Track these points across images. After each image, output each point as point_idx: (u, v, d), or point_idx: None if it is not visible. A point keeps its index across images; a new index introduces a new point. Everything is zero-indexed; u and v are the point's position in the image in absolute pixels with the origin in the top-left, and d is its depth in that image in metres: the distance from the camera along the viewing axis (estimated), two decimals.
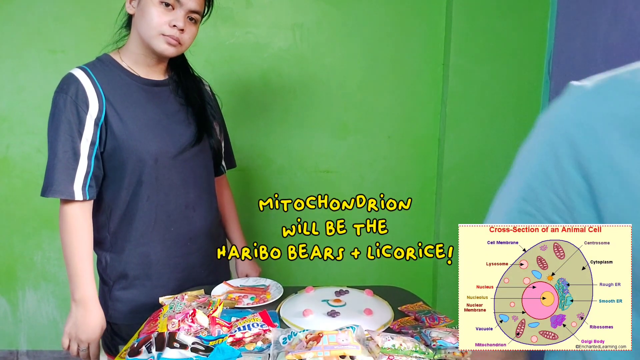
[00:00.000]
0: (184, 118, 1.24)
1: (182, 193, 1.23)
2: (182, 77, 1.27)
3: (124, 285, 1.21)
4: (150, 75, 1.21)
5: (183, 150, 1.21)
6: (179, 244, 1.24)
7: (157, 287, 1.22)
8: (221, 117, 1.41)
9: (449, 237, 1.92)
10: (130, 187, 1.17)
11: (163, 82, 1.24)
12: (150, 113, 1.19)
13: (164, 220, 1.21)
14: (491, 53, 1.84)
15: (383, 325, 1.03)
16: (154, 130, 1.18)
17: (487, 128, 1.90)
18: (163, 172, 1.18)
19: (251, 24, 1.89)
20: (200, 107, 1.28)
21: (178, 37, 1.13)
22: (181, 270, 1.25)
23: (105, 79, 1.15)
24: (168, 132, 1.20)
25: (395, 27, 1.92)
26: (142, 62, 1.19)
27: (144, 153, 1.15)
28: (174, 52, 1.16)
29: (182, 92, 1.26)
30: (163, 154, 1.18)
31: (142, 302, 1.21)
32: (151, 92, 1.20)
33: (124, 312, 1.21)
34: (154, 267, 1.22)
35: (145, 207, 1.18)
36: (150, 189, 1.17)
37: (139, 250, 1.20)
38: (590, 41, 1.56)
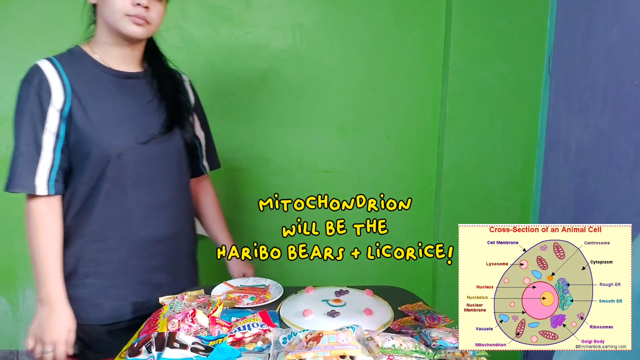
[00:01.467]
0: (155, 109, 1.19)
1: (147, 192, 1.17)
2: (157, 69, 1.24)
3: (74, 282, 1.15)
4: (123, 67, 1.17)
5: (151, 139, 1.15)
6: (140, 245, 1.18)
7: (112, 287, 1.16)
8: (202, 113, 1.37)
9: (448, 237, 1.92)
10: (90, 181, 1.12)
11: (137, 74, 1.20)
12: (119, 106, 1.14)
13: (123, 218, 1.15)
14: (491, 52, 1.84)
15: (383, 325, 1.03)
16: (121, 124, 1.13)
17: (486, 127, 1.90)
18: (128, 168, 1.13)
19: (251, 24, 1.89)
20: (173, 97, 1.23)
21: (144, 15, 1.09)
22: (141, 273, 1.20)
23: (73, 70, 1.11)
24: (137, 126, 1.15)
25: (394, 27, 1.92)
26: (114, 53, 1.15)
27: (107, 147, 1.10)
28: (143, 33, 1.12)
29: (157, 84, 1.22)
30: (129, 149, 1.13)
31: (95, 302, 1.16)
32: (123, 84, 1.16)
33: (75, 310, 1.14)
34: (108, 266, 1.16)
35: (103, 203, 1.13)
36: (111, 184, 1.13)
37: (93, 246, 1.15)
38: (591, 39, 1.56)
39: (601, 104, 1.49)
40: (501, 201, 1.95)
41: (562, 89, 1.75)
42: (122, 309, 1.18)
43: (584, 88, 1.59)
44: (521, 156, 1.92)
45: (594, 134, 1.53)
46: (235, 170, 1.99)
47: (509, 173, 1.93)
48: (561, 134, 1.74)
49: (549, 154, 1.84)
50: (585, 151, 1.59)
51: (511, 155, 1.92)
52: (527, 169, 1.93)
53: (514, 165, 1.92)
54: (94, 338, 1.17)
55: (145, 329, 1.00)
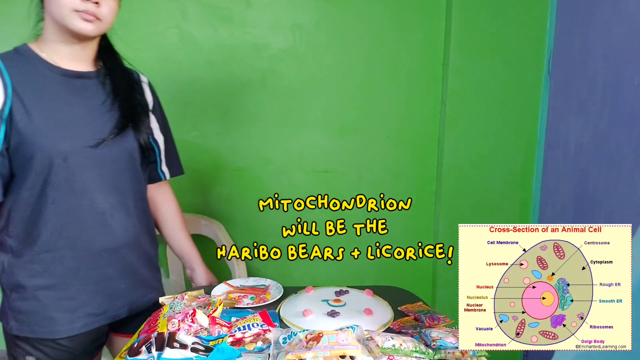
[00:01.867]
0: (108, 110, 1.12)
1: (98, 198, 1.10)
2: (111, 68, 1.17)
3: (23, 294, 1.08)
4: (74, 66, 1.10)
5: (101, 142, 1.08)
6: (93, 254, 1.11)
7: (64, 299, 1.10)
8: (162, 115, 1.29)
9: (448, 237, 1.92)
10: (34, 187, 1.05)
11: (89, 74, 1.13)
12: (67, 107, 1.07)
13: (75, 226, 1.08)
14: (491, 52, 1.84)
15: (383, 325, 1.03)
16: (67, 126, 1.06)
17: (486, 128, 1.90)
18: (75, 173, 1.06)
19: (250, 24, 1.89)
20: (127, 97, 1.16)
21: (94, 11, 1.02)
22: (95, 283, 1.12)
23: (18, 70, 1.04)
24: (86, 128, 1.08)
25: (394, 27, 1.92)
26: (63, 51, 1.08)
27: (52, 151, 1.03)
28: (93, 30, 1.05)
29: (110, 84, 1.15)
30: (76, 152, 1.06)
31: (47, 316, 1.08)
32: (73, 84, 1.09)
33: (27, 324, 1.09)
34: (60, 276, 1.09)
35: (51, 211, 1.06)
36: (58, 191, 1.06)
37: (42, 257, 1.07)
38: (590, 39, 1.56)
39: (600, 104, 1.49)
40: (501, 201, 1.95)
41: (562, 88, 1.75)
42: (77, 321, 1.11)
43: (583, 88, 1.59)
44: (521, 156, 1.92)
45: (594, 134, 1.54)
46: (235, 170, 1.99)
47: (509, 173, 1.93)
48: (561, 133, 1.74)
49: (548, 153, 1.84)
50: (585, 151, 1.59)
51: (511, 155, 1.92)
52: (527, 168, 1.93)
53: (513, 165, 1.93)
54: (49, 354, 1.11)
55: (145, 329, 1.00)
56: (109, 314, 1.15)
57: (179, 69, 1.88)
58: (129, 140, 1.14)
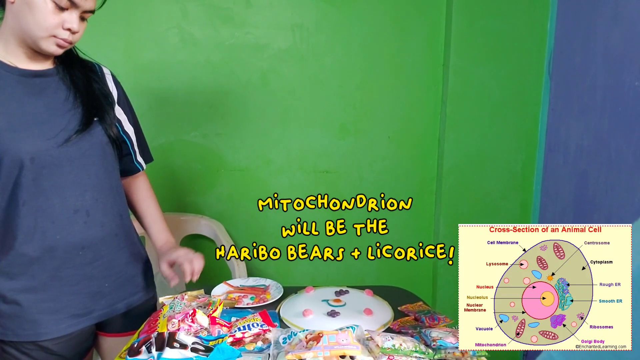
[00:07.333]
0: (71, 107, 1.09)
1: (70, 196, 1.08)
2: (67, 62, 1.13)
3: (4, 298, 1.06)
4: (31, 65, 1.06)
5: (68, 139, 1.06)
6: (70, 254, 1.09)
7: (46, 300, 1.08)
8: (128, 107, 1.25)
9: (448, 237, 1.92)
10: (5, 191, 1.03)
11: (47, 72, 1.09)
12: (28, 108, 1.04)
13: (48, 227, 1.06)
14: (491, 53, 1.85)
15: (383, 325, 1.03)
16: (30, 126, 1.03)
17: (487, 128, 1.90)
18: (44, 172, 1.04)
19: (251, 24, 1.89)
20: (87, 89, 1.13)
21: (71, 39, 1.03)
22: (76, 283, 1.10)
23: None
24: (50, 127, 1.06)
25: (395, 28, 1.92)
26: (20, 52, 1.05)
27: (17, 153, 1.01)
28: (62, 52, 1.06)
29: (70, 79, 1.11)
30: (42, 152, 1.03)
31: (30, 319, 1.07)
32: (31, 84, 1.06)
33: (10, 328, 1.07)
34: (39, 279, 1.07)
35: (23, 213, 1.03)
36: (27, 192, 1.03)
37: (20, 260, 1.05)
38: (590, 42, 1.56)
39: (601, 106, 1.49)
40: (501, 202, 1.95)
41: (562, 91, 1.75)
42: (61, 322, 1.09)
43: (583, 90, 1.59)
44: (521, 157, 1.92)
45: (594, 136, 1.54)
46: (235, 170, 1.99)
47: (509, 174, 1.93)
48: (561, 135, 1.75)
49: (548, 155, 1.84)
50: (585, 153, 1.59)
51: (511, 156, 1.92)
52: (527, 170, 1.93)
53: (514, 166, 1.93)
54: (36, 358, 1.09)
55: (145, 329, 1.00)
56: (94, 314, 1.13)
57: (179, 69, 1.88)
58: (97, 135, 1.11)
